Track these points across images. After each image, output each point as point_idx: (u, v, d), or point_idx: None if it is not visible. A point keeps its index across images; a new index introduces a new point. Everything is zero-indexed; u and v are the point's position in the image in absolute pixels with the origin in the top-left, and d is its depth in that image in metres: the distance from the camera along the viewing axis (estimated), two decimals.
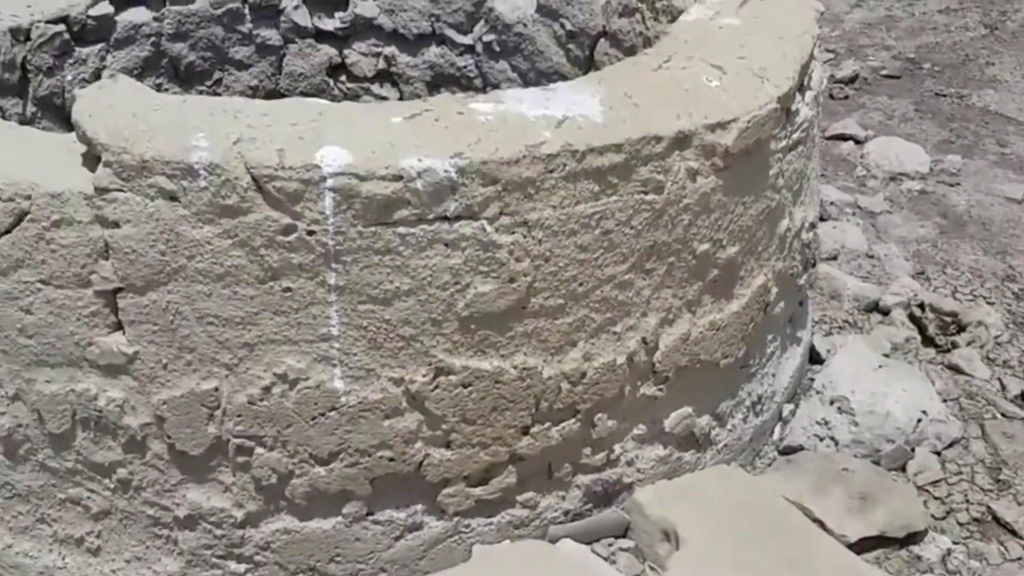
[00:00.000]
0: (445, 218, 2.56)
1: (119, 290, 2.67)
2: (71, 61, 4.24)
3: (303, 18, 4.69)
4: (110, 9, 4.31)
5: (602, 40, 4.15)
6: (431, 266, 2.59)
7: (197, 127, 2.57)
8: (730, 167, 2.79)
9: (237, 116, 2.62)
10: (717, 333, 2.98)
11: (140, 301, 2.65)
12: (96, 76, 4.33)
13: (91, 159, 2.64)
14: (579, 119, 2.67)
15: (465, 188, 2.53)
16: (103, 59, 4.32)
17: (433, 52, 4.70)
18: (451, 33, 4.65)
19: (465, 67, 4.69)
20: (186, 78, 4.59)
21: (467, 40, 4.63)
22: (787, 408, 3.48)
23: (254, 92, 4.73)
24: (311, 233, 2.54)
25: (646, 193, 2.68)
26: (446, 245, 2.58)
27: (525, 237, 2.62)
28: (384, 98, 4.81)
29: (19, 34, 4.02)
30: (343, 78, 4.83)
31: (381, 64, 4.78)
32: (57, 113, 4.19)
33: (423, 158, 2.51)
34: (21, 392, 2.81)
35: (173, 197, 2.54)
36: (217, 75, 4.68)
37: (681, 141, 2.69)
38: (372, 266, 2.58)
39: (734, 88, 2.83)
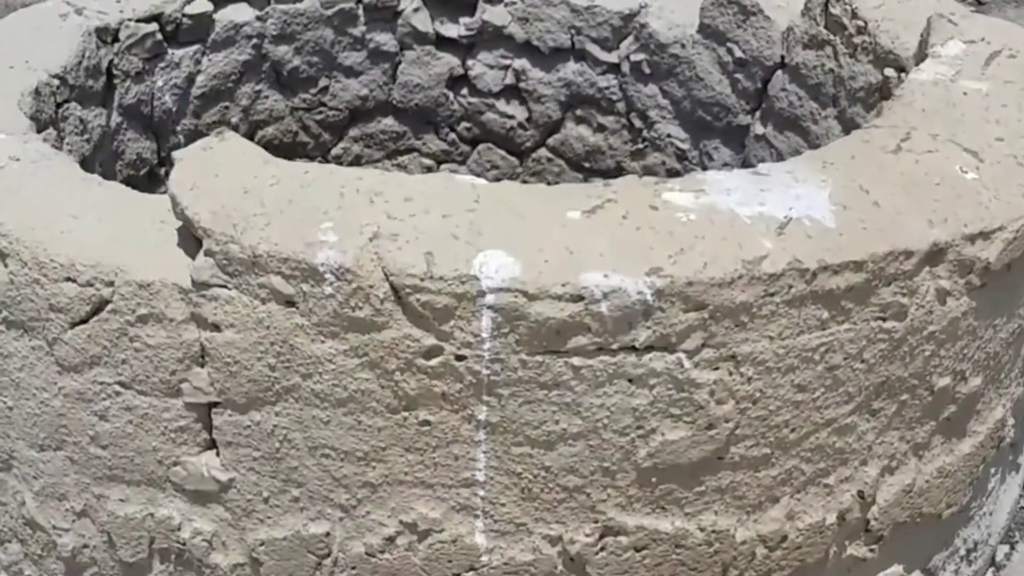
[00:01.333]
0: (632, 349, 1.99)
1: (215, 404, 2.14)
2: (162, 65, 3.71)
3: (423, 22, 4.12)
4: (209, 7, 3.77)
5: (779, 73, 3.52)
6: (609, 406, 2.02)
7: (325, 213, 2.01)
8: (986, 285, 2.17)
9: (374, 200, 2.06)
10: (944, 480, 2.38)
11: (240, 420, 2.12)
12: (189, 81, 3.79)
13: (190, 240, 2.10)
14: (806, 222, 2.08)
15: (662, 314, 1.95)
16: (198, 63, 3.78)
17: (571, 69, 4.11)
18: (593, 49, 4.05)
19: (607, 88, 4.08)
20: (288, 84, 4.04)
21: (612, 58, 4.02)
22: (1001, 551, 2.87)
23: (363, 103, 4.17)
24: (461, 358, 1.99)
25: (885, 320, 2.08)
26: (630, 381, 2.01)
27: (731, 374, 2.03)
28: (510, 116, 4.22)
29: (106, 35, 3.50)
30: (464, 91, 4.26)
31: (509, 78, 4.19)
32: (144, 123, 3.67)
33: (611, 273, 1.93)
34: (90, 509, 2.30)
35: (290, 302, 1.99)
36: (323, 82, 4.12)
37: (934, 255, 2.08)
38: (534, 402, 2.02)
39: (995, 183, 2.21)
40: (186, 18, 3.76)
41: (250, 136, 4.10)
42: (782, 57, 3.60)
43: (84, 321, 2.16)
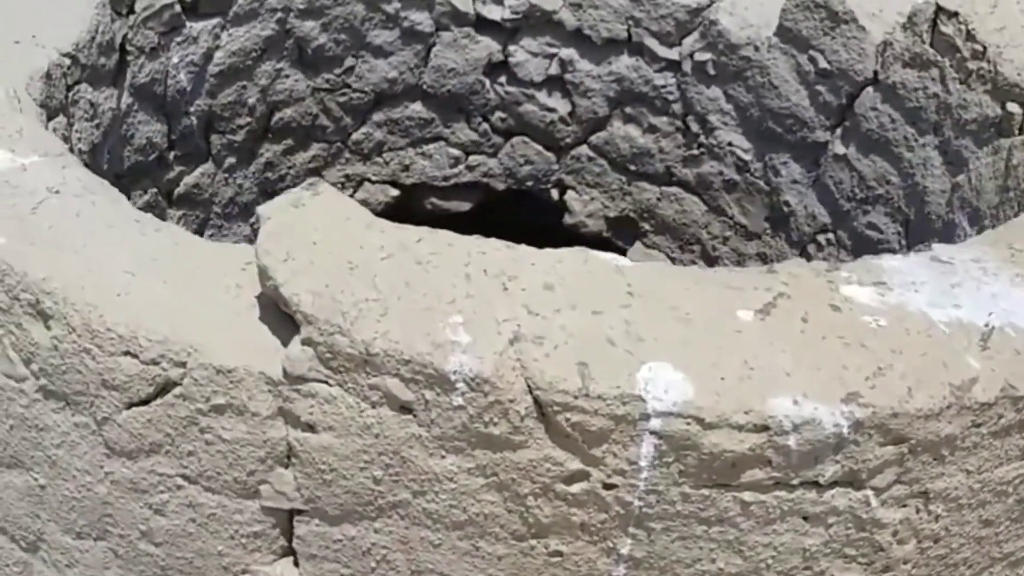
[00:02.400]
0: (815, 484, 1.66)
1: (299, 511, 1.78)
2: (179, 39, 3.29)
3: (464, 2, 3.73)
4: None
5: (870, 90, 3.18)
6: (777, 545, 1.71)
7: (451, 303, 1.66)
8: None
9: (507, 285, 1.71)
10: None
11: (330, 533, 1.77)
12: (207, 58, 3.37)
13: (277, 316, 1.72)
14: (1010, 332, 1.77)
15: (855, 447, 1.64)
16: (217, 37, 3.36)
17: (624, 63, 3.74)
18: (652, 43, 3.68)
19: (663, 87, 3.73)
20: (312, 63, 3.64)
21: (672, 54, 3.67)
22: None
23: (391, 86, 3.78)
24: (610, 487, 1.66)
25: None
26: (805, 519, 1.70)
27: (919, 512, 1.74)
28: (551, 109, 3.85)
29: (121, 5, 3.07)
30: (502, 79, 3.87)
31: (554, 68, 3.82)
32: (155, 104, 3.26)
33: (802, 400, 1.61)
34: None
35: (407, 408, 1.63)
36: (349, 62, 3.72)
37: None
38: (690, 538, 1.70)
39: None
40: None
41: (267, 118, 3.68)
42: (875, 73, 3.26)
43: (144, 403, 1.78)
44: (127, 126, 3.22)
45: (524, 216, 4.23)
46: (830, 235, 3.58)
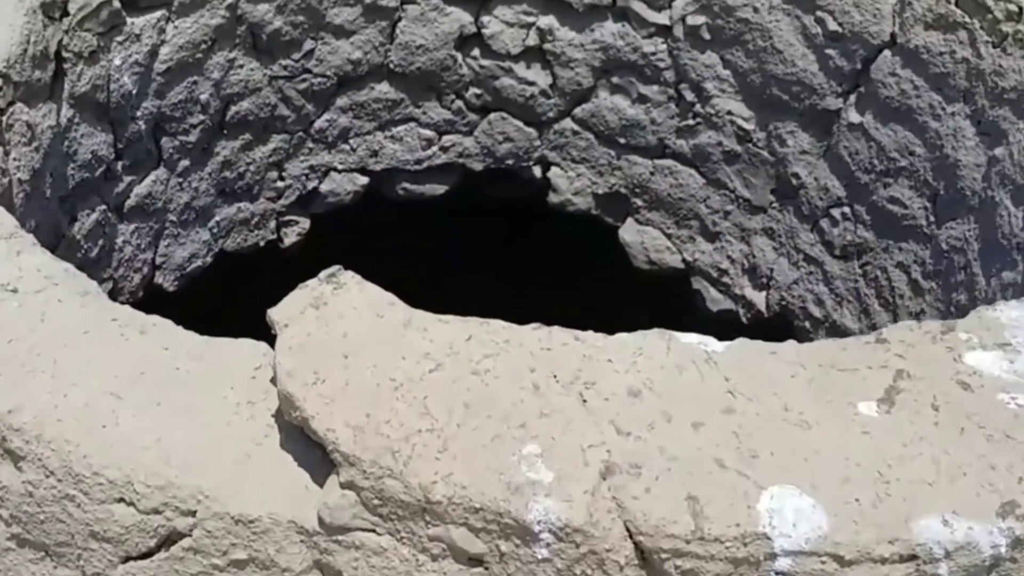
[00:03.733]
0: None
1: None
2: (120, 39, 2.91)
3: None
4: None
5: (887, 53, 2.89)
6: None
7: (523, 427, 1.36)
8: None
9: (585, 396, 1.41)
10: None
11: None
12: (152, 56, 2.99)
13: (308, 447, 1.41)
14: None
15: (1012, 566, 1.36)
16: (162, 32, 2.98)
17: (609, 29, 3.41)
18: (640, 7, 3.37)
19: (653, 54, 3.40)
20: (267, 50, 3.29)
21: (662, 18, 3.34)
22: None
23: (354, 67, 3.42)
24: None
25: None
26: None
27: None
28: (530, 82, 3.51)
29: (53, 9, 2.68)
30: (476, 53, 3.53)
31: (532, 39, 3.49)
32: (98, 112, 2.89)
33: (952, 519, 1.33)
34: None
35: (478, 561, 1.34)
36: (308, 45, 3.36)
37: None
38: None
39: None
40: None
41: (222, 113, 3.31)
42: (892, 35, 2.96)
43: (145, 556, 1.46)
44: (69, 142, 2.84)
45: (505, 196, 3.91)
46: (845, 209, 3.31)
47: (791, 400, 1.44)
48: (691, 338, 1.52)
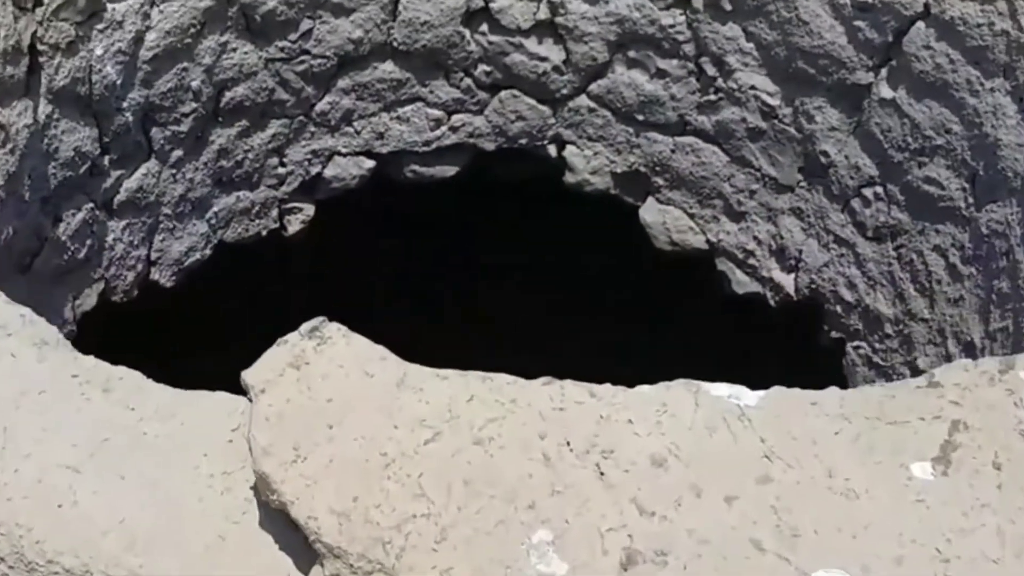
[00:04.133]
0: None
1: None
2: (100, 26, 2.73)
3: None
4: None
5: (920, 25, 2.69)
6: None
7: (531, 507, 1.20)
8: None
9: (603, 468, 1.26)
10: None
11: None
12: (137, 43, 2.81)
13: (289, 529, 1.25)
14: None
15: None
16: (147, 17, 2.81)
17: (624, 1, 3.19)
18: None
19: (671, 27, 3.20)
20: (262, 31, 3.10)
21: None
22: None
23: (356, 47, 3.23)
24: None
25: None
26: None
27: None
28: (542, 58, 3.32)
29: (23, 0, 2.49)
30: (484, 28, 3.34)
31: (543, 12, 3.29)
32: (80, 106, 2.73)
33: None
34: None
35: None
36: (306, 25, 3.17)
37: None
38: None
39: None
40: None
41: (215, 100, 3.13)
42: (926, 6, 2.75)
43: None
44: (49, 139, 2.68)
45: (518, 176, 3.73)
46: (878, 188, 3.12)
47: (836, 463, 1.26)
48: (721, 389, 1.34)
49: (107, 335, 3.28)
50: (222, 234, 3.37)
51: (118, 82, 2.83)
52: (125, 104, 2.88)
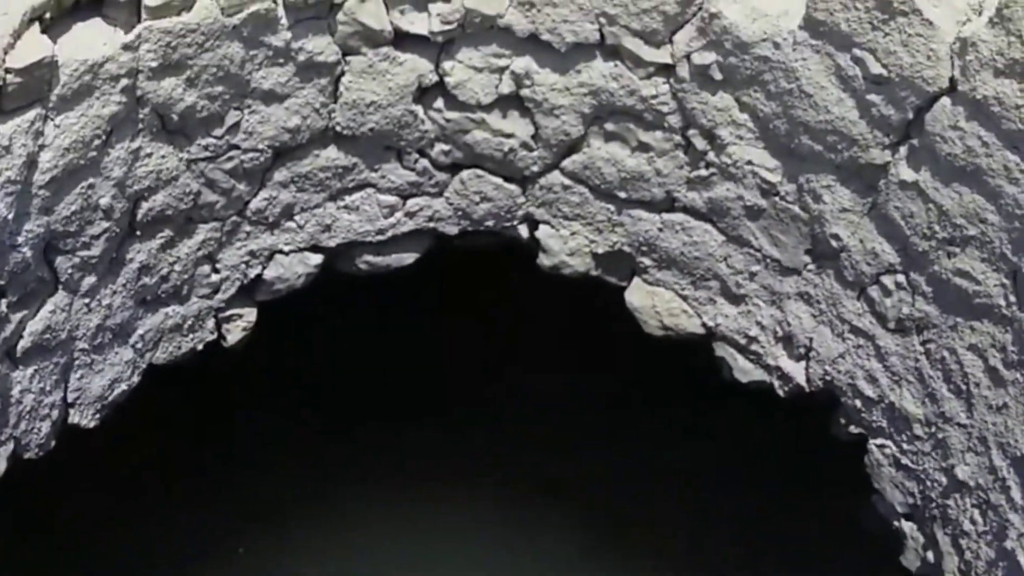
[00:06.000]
0: None
1: None
2: None
3: (376, 16, 2.82)
4: (47, 47, 2.38)
5: (946, 103, 2.30)
6: None
7: None
8: None
9: None
10: None
11: None
12: (30, 167, 2.41)
13: None
14: None
15: None
16: (40, 135, 2.40)
17: (599, 70, 2.83)
18: (634, 43, 2.76)
19: (654, 97, 2.80)
20: (180, 131, 2.71)
21: (662, 56, 2.77)
22: None
23: (292, 135, 2.84)
24: None
25: None
26: None
27: None
28: (507, 134, 2.93)
29: None
30: (439, 104, 2.92)
31: (506, 85, 2.90)
32: None
33: None
34: None
35: None
36: (232, 118, 2.78)
37: None
38: None
39: None
40: (10, 74, 2.32)
41: (130, 214, 2.70)
42: (952, 81, 2.34)
43: None
44: None
45: (487, 261, 3.32)
46: (899, 277, 2.75)
47: None
48: None
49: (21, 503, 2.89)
50: (151, 356, 2.96)
51: (9, 216, 2.40)
52: (21, 239, 2.46)
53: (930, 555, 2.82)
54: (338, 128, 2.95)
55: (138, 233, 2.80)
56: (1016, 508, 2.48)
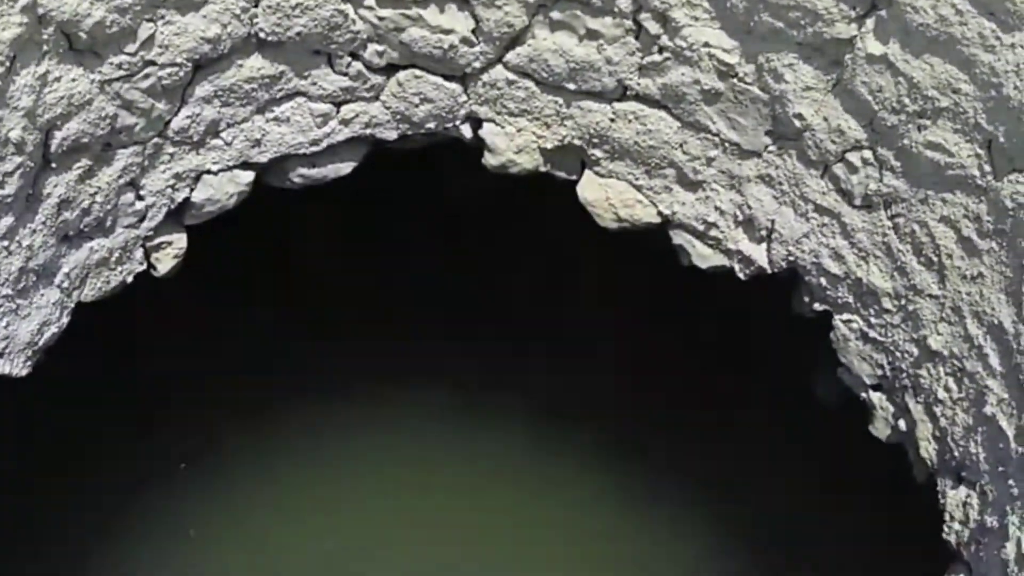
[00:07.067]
0: None
1: None
2: None
3: None
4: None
5: None
6: None
7: None
8: None
9: None
10: None
11: None
12: None
13: None
14: None
15: None
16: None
17: None
18: None
19: None
20: (89, 49, 2.50)
21: None
22: None
23: (212, 46, 2.60)
24: None
25: None
26: None
27: None
28: (447, 30, 2.75)
29: None
30: (370, 2, 2.73)
31: None
32: None
33: None
34: None
35: None
36: (145, 31, 2.55)
37: None
38: None
39: None
40: None
41: (43, 145, 2.47)
42: None
43: None
44: None
45: (429, 163, 3.13)
46: (866, 153, 2.66)
47: None
48: None
49: None
50: (79, 294, 2.74)
51: None
52: None
53: (901, 423, 2.78)
54: (262, 34, 2.72)
55: (53, 165, 2.56)
56: (995, 374, 2.43)
